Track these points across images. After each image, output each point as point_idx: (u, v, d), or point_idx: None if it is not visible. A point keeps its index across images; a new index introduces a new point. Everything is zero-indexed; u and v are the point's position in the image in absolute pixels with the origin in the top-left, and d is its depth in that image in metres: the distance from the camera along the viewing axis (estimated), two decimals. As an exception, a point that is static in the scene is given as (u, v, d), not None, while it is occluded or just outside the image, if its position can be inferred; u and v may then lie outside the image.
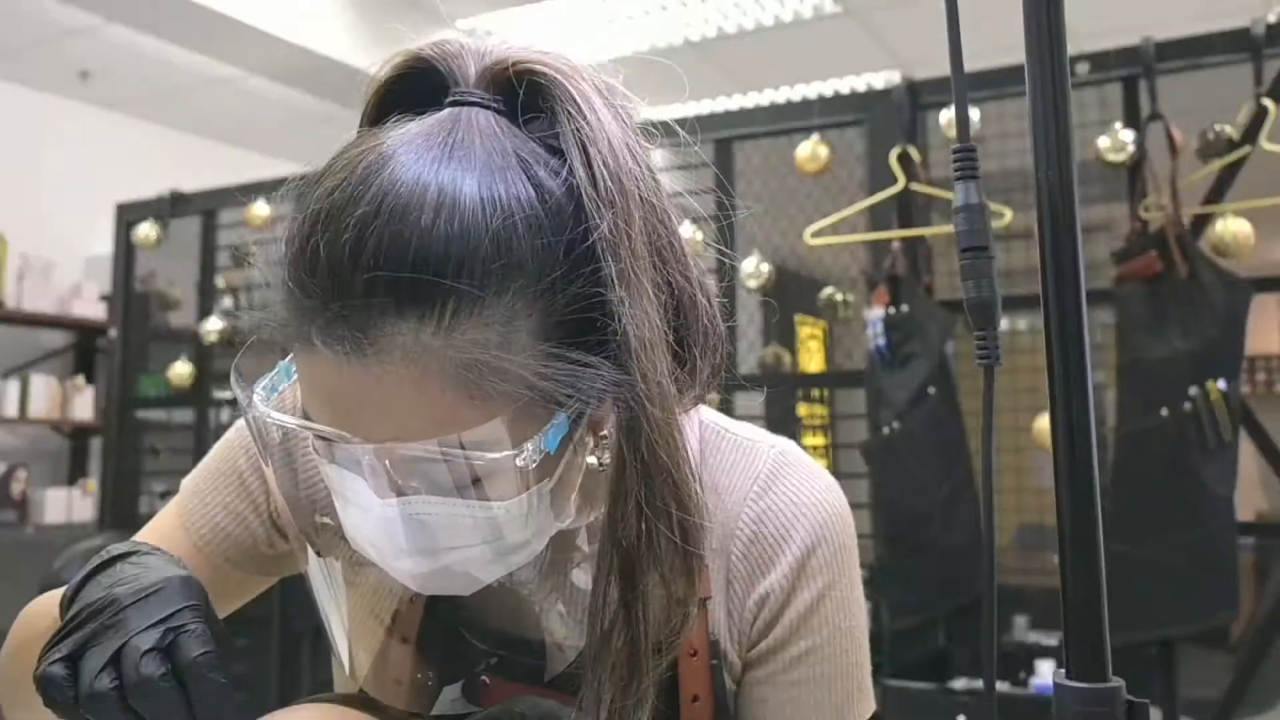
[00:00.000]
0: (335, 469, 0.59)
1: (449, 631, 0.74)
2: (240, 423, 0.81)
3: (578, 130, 0.57)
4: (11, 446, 4.67)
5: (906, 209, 2.54)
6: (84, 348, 4.87)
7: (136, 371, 4.02)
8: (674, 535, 0.58)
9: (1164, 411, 2.17)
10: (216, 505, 0.80)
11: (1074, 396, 0.55)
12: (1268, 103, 2.19)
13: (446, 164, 0.55)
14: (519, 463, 0.55)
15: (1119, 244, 2.29)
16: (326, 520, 0.71)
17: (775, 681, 0.71)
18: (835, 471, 3.71)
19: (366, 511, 0.58)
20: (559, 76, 0.59)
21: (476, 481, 0.57)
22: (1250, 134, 2.23)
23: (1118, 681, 0.56)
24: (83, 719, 0.56)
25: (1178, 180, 2.23)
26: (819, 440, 4.22)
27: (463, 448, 0.55)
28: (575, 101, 0.58)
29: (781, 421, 4.22)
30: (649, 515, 0.57)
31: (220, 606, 0.80)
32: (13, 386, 4.41)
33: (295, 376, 0.61)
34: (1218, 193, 2.31)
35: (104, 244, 4.65)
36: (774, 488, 0.72)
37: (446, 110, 0.59)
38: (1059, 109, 0.53)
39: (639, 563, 0.58)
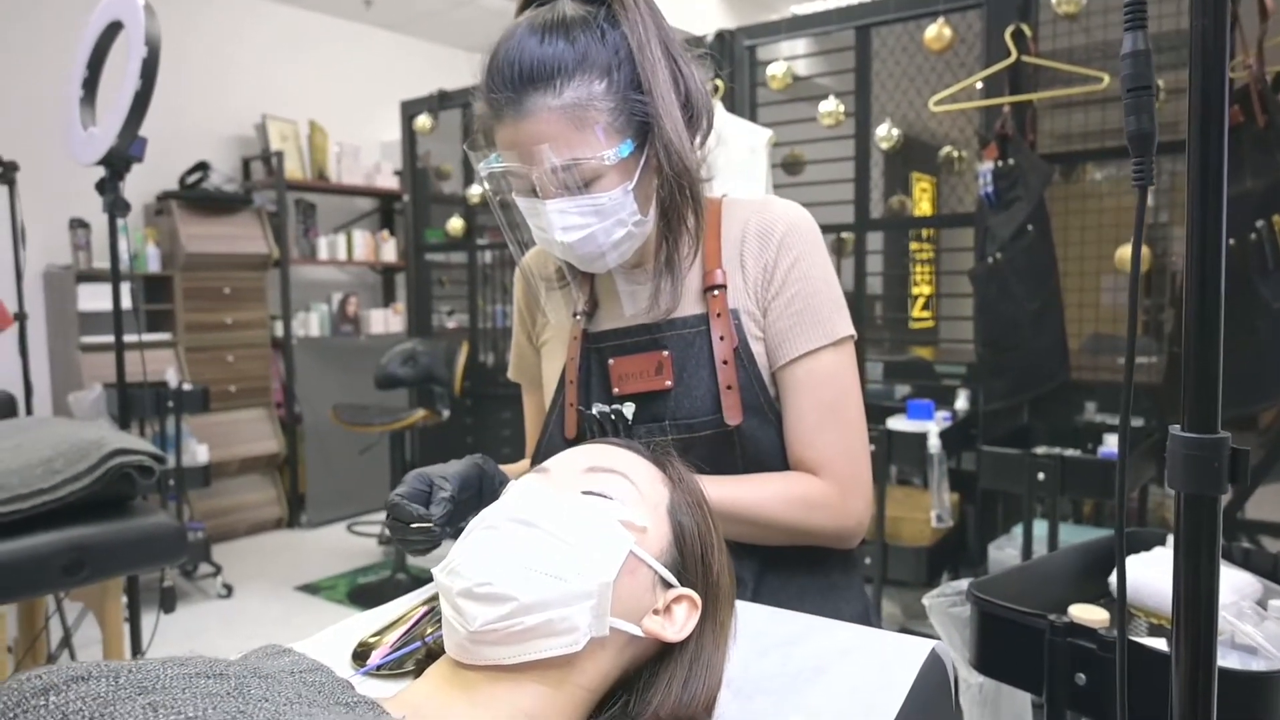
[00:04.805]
0: (523, 198, 0.83)
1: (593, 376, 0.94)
2: (517, 292, 1.03)
3: None
4: (344, 281, 4.97)
5: (1017, 78, 2.31)
6: (386, 210, 5.04)
7: (423, 226, 4.16)
8: (690, 198, 0.84)
9: (1231, 241, 1.98)
10: (515, 351, 1.05)
11: (1210, 212, 0.50)
12: (1363, -36, 1.86)
13: (550, 14, 0.79)
14: (607, 161, 0.78)
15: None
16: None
17: (782, 314, 0.88)
18: (940, 291, 3.56)
19: (540, 215, 0.81)
20: None
21: (590, 182, 0.79)
22: (1342, -6, 1.90)
23: (1225, 434, 0.52)
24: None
25: (1265, 42, 1.94)
26: (926, 270, 4.04)
27: (576, 161, 0.77)
28: None
29: (901, 252, 4.05)
30: (674, 187, 0.82)
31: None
32: (341, 239, 4.65)
33: (496, 156, 0.81)
34: (1303, 51, 2.00)
35: (393, 132, 4.77)
36: (765, 209, 0.92)
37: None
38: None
39: (674, 217, 0.85)
